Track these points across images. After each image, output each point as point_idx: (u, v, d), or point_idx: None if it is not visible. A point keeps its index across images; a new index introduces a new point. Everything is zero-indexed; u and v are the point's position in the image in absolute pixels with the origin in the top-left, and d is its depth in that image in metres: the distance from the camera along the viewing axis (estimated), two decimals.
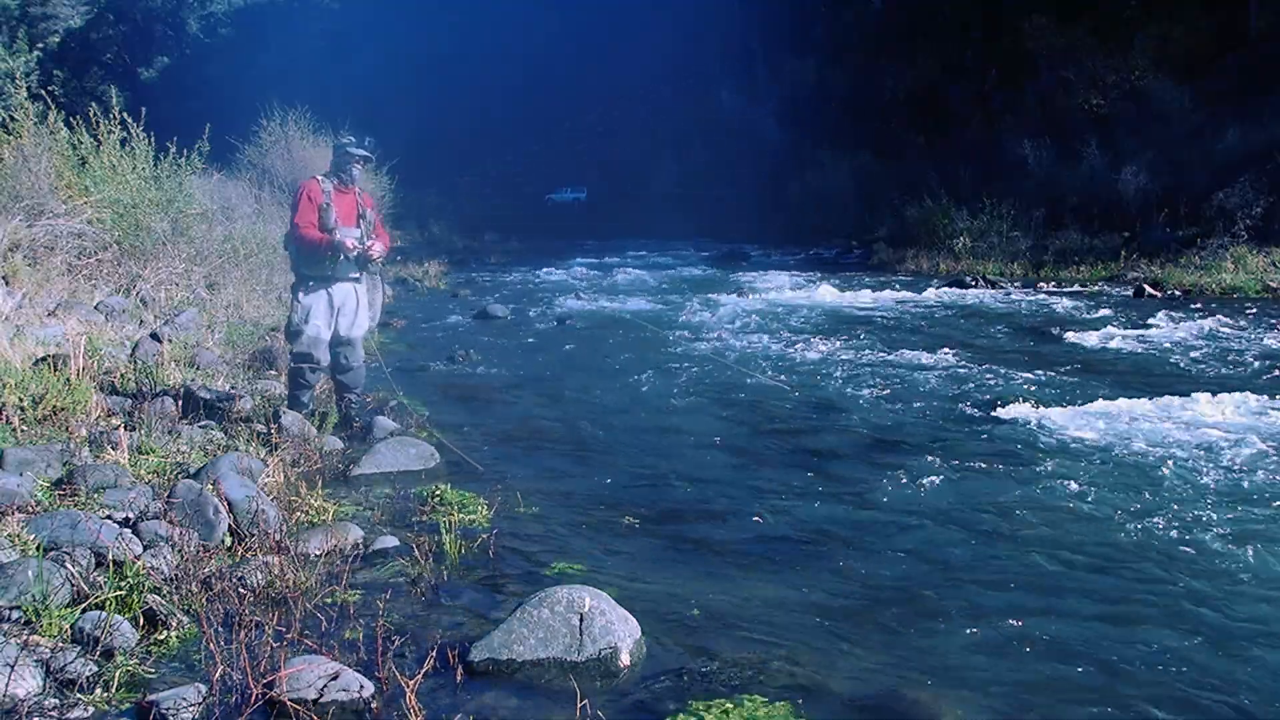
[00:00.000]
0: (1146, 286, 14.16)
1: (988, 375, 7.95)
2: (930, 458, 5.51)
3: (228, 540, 3.86)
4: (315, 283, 5.72)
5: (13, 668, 2.61)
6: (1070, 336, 10.16)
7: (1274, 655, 3.17)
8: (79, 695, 2.70)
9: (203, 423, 5.50)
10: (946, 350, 9.21)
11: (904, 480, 5.10)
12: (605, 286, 17.49)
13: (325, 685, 2.72)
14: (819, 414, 6.80)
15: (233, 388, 6.41)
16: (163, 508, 3.93)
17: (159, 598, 3.21)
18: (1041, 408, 6.59)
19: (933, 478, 5.10)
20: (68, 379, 5.33)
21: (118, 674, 2.82)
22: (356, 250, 5.65)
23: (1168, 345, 9.36)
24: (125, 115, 10.37)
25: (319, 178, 5.74)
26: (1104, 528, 4.32)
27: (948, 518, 4.53)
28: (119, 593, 3.18)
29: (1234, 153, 18.18)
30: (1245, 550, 3.99)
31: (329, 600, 3.44)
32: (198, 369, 6.92)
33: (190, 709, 2.62)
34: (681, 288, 16.29)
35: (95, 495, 4.00)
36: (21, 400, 5.02)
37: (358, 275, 5.84)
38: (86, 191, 9.85)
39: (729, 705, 2.77)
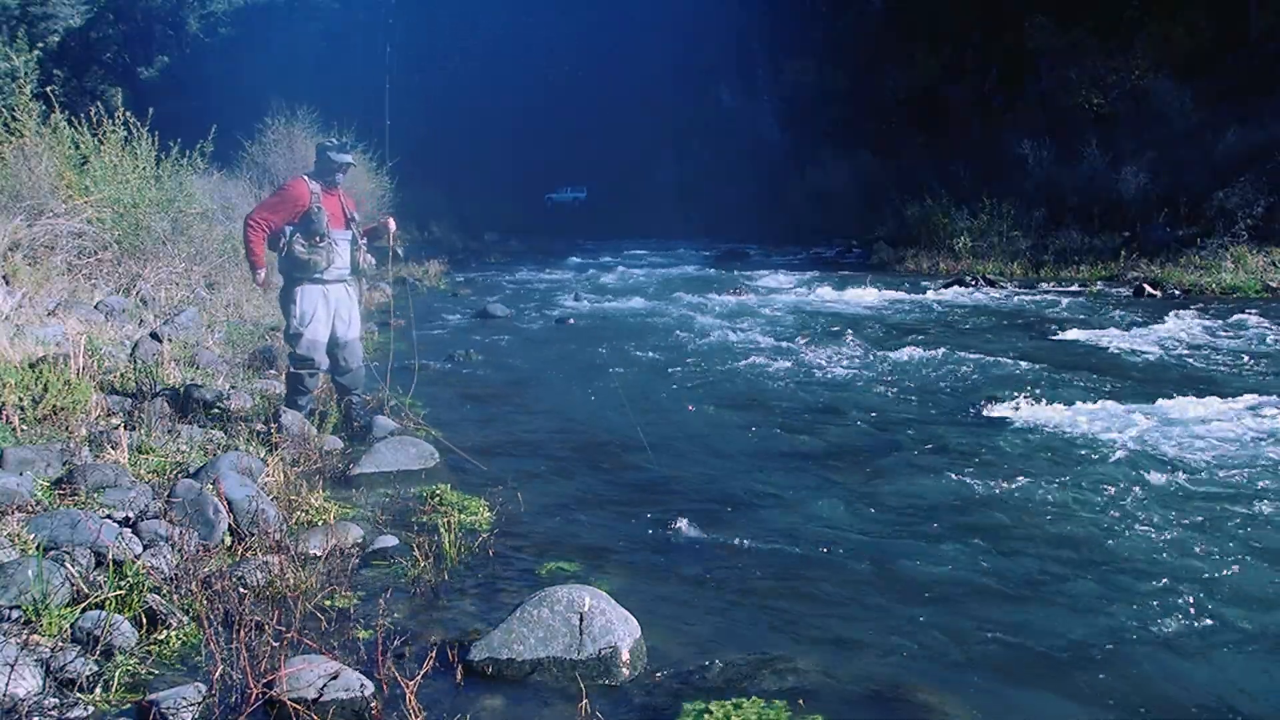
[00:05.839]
0: (1146, 286, 14.16)
1: (987, 375, 7.95)
2: (929, 457, 5.51)
3: (228, 540, 3.86)
4: (309, 284, 5.67)
5: (13, 667, 2.61)
6: (1070, 336, 10.16)
7: (1274, 654, 3.17)
8: (79, 695, 2.70)
9: (202, 422, 5.50)
10: (946, 350, 9.20)
11: (903, 480, 5.10)
12: (605, 286, 17.49)
13: (325, 685, 2.72)
14: (818, 414, 6.80)
15: (233, 387, 6.40)
16: (163, 507, 3.93)
17: (159, 597, 3.21)
18: (1041, 407, 6.59)
19: (932, 477, 5.10)
20: (68, 379, 5.33)
21: (118, 674, 2.82)
22: (262, 273, 5.73)
23: (1167, 345, 9.35)
24: (128, 114, 10.38)
25: (306, 178, 5.67)
26: (1104, 527, 4.31)
27: (947, 517, 4.53)
28: (119, 592, 3.18)
29: (1234, 153, 18.17)
30: (1244, 548, 3.99)
31: (329, 600, 3.45)
32: (198, 369, 6.92)
33: (190, 709, 2.61)
34: (681, 287, 16.29)
35: (95, 495, 3.99)
36: (21, 400, 5.02)
37: (349, 276, 5.85)
38: (87, 191, 9.85)
39: (730, 707, 2.76)
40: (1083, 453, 5.51)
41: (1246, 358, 8.55)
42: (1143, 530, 4.25)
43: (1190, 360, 8.52)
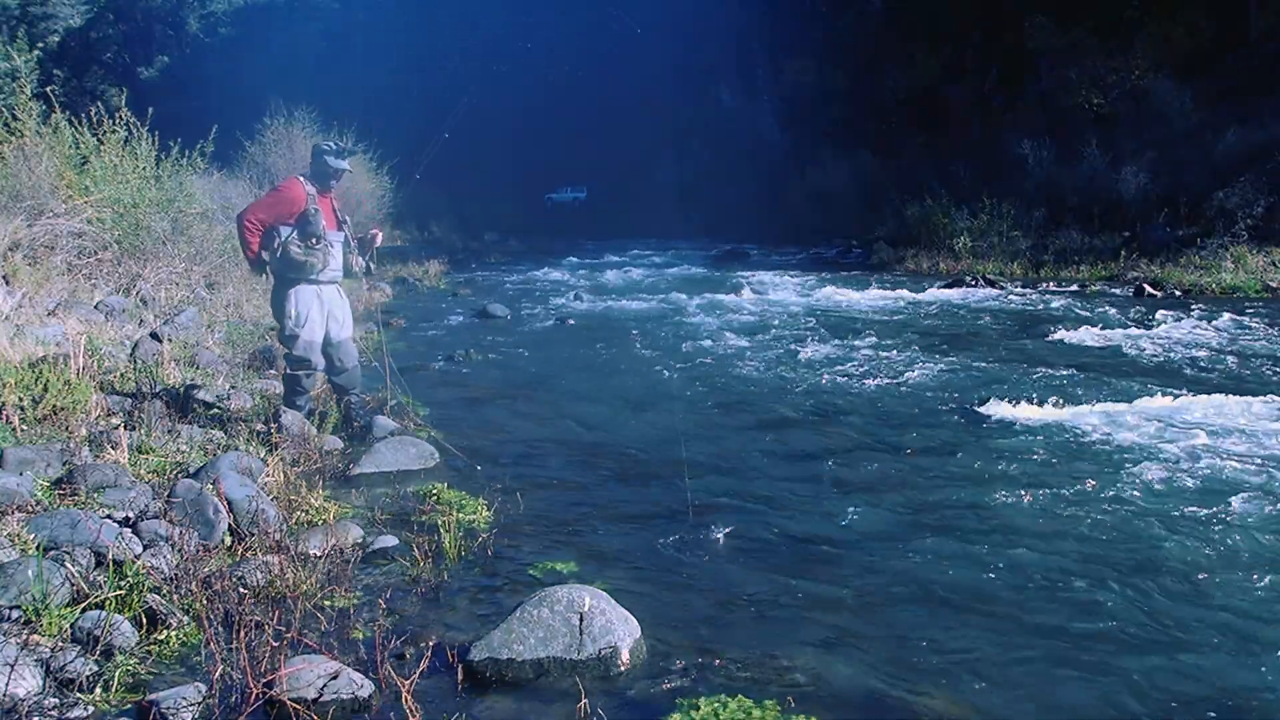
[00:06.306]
0: (1146, 286, 14.16)
1: (987, 375, 7.95)
2: (929, 458, 5.51)
3: (228, 540, 3.86)
4: (304, 285, 5.66)
5: (13, 667, 2.61)
6: (1070, 336, 10.15)
7: (1274, 655, 3.17)
8: (79, 695, 2.70)
9: (202, 422, 5.50)
10: (946, 350, 9.20)
11: (902, 480, 5.10)
12: (605, 286, 17.49)
13: (325, 685, 2.72)
14: (818, 414, 6.80)
15: (233, 387, 6.41)
16: (163, 507, 3.94)
17: (159, 597, 3.21)
18: (1041, 407, 6.59)
19: (929, 478, 5.10)
20: (68, 379, 5.33)
21: (118, 674, 2.83)
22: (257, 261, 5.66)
23: (1168, 345, 9.35)
24: (128, 114, 10.39)
25: (301, 179, 5.66)
26: (1105, 527, 4.31)
27: (945, 518, 4.53)
28: (119, 592, 3.18)
29: (1234, 153, 18.17)
30: (1247, 547, 3.99)
31: (329, 600, 3.45)
32: (198, 369, 6.92)
33: (190, 709, 2.62)
34: (681, 287, 16.29)
35: (95, 495, 4.00)
36: (21, 400, 5.02)
37: (341, 277, 5.87)
38: (87, 191, 9.86)
39: (717, 704, 2.77)
40: (1084, 453, 5.51)
41: (1247, 357, 8.55)
42: (1144, 530, 4.25)
43: (1191, 360, 8.52)
